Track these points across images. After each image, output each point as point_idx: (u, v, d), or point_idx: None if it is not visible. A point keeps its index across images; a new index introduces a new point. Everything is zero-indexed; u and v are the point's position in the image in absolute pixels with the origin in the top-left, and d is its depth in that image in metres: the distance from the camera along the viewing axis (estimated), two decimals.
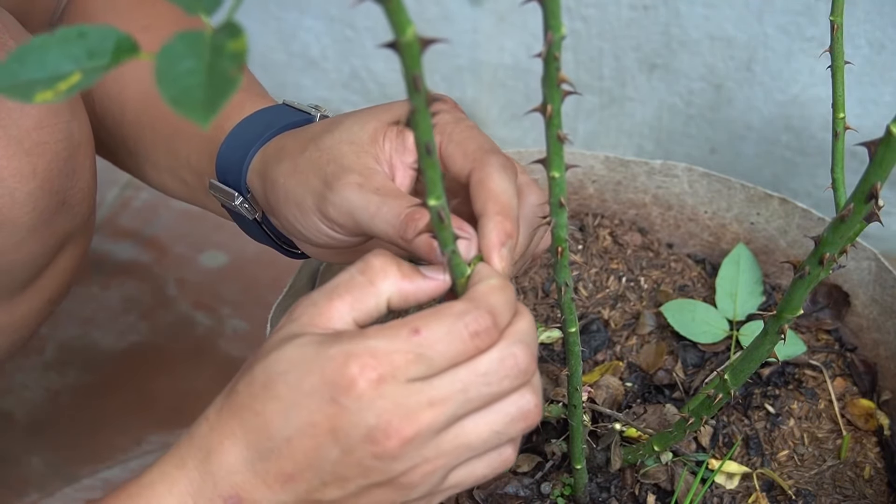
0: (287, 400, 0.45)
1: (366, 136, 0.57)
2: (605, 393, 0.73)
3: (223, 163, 0.65)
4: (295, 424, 0.45)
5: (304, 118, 0.65)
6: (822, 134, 1.07)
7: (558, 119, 0.45)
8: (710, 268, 0.86)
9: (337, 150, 0.57)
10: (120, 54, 0.37)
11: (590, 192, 0.87)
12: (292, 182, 0.58)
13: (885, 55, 0.99)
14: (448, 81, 1.20)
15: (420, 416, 0.45)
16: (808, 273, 0.50)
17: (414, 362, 0.45)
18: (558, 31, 0.41)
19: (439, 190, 0.45)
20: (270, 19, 1.24)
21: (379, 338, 0.45)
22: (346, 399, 0.44)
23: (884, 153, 0.41)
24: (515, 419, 0.47)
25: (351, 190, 0.55)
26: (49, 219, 0.63)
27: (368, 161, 0.56)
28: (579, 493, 0.67)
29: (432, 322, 0.45)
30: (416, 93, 0.40)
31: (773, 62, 1.04)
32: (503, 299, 0.48)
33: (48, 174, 0.62)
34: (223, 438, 0.47)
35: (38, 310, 0.69)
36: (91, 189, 0.67)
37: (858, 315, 0.81)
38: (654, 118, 1.15)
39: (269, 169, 0.61)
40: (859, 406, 0.76)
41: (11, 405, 1.00)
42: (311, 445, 0.45)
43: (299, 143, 0.60)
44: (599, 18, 1.07)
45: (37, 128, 0.61)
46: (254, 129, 0.64)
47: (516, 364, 0.46)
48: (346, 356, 0.44)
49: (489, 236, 0.51)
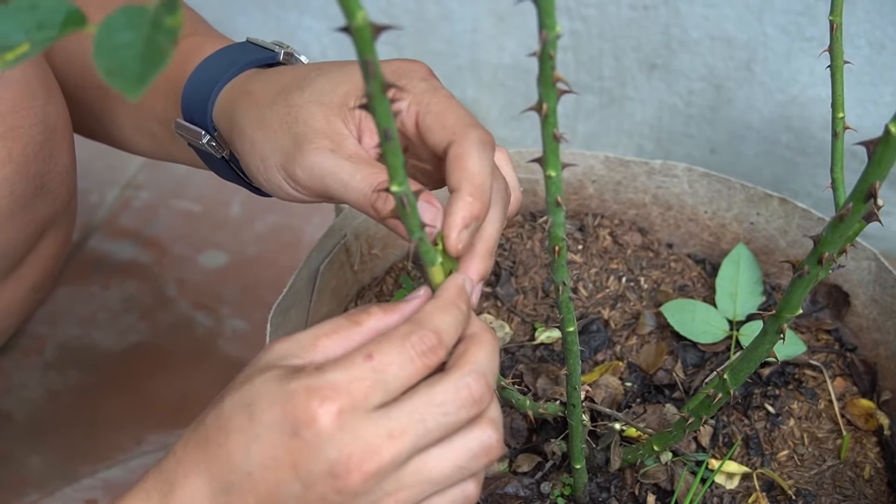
0: (249, 433, 0.45)
1: (336, 98, 0.56)
2: (605, 392, 0.73)
3: (188, 101, 0.64)
4: (257, 458, 0.45)
5: (268, 55, 0.64)
6: (822, 134, 1.07)
7: (554, 118, 0.45)
8: (710, 268, 0.86)
9: (307, 110, 0.56)
10: (68, 26, 0.38)
11: (590, 192, 0.87)
12: (259, 134, 0.58)
13: (885, 55, 0.99)
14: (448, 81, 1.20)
15: (381, 449, 0.44)
16: (807, 272, 0.50)
17: (371, 389, 0.45)
18: (553, 29, 0.41)
19: (402, 176, 0.44)
20: (270, 19, 1.24)
21: (336, 370, 0.45)
22: (308, 433, 0.44)
23: (883, 152, 0.41)
24: (477, 455, 0.47)
25: (324, 155, 0.55)
26: (27, 203, 0.63)
27: (338, 125, 0.56)
28: (579, 492, 0.67)
29: (383, 345, 0.45)
30: (371, 79, 0.40)
31: (773, 62, 1.04)
32: (450, 318, 0.47)
33: (24, 158, 0.61)
34: (188, 472, 0.47)
35: (22, 298, 0.68)
36: (70, 173, 0.66)
37: (858, 315, 0.81)
38: (654, 118, 1.14)
39: (237, 113, 0.60)
40: (859, 406, 0.76)
41: (11, 405, 1.00)
42: (273, 480, 0.45)
43: (267, 92, 0.59)
44: (599, 18, 1.07)
45: (11, 112, 0.60)
46: (218, 66, 0.63)
47: (470, 394, 0.46)
48: (306, 390, 0.44)
49: (454, 215, 0.50)
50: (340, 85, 0.57)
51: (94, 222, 1.19)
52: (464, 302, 0.48)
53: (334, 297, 0.82)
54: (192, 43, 0.66)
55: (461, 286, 0.49)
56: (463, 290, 0.49)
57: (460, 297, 0.48)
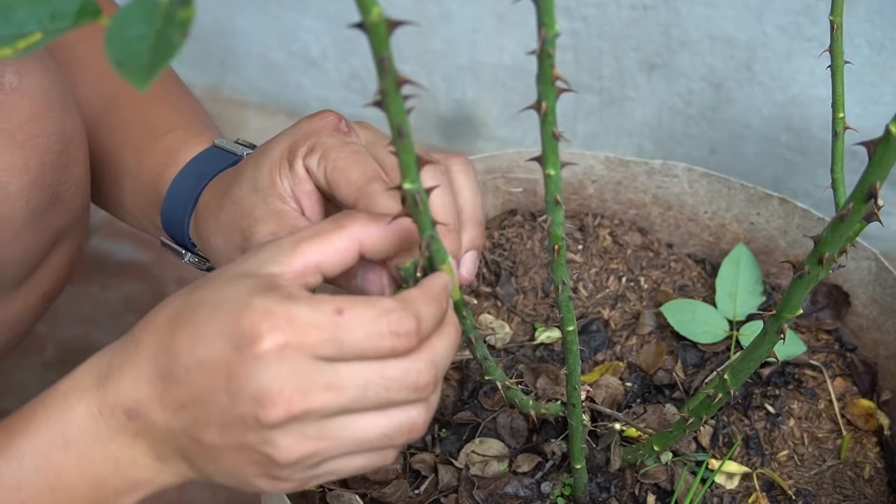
0: (199, 332, 0.45)
1: (265, 180, 0.59)
2: (605, 392, 0.73)
3: (167, 223, 0.68)
4: (198, 356, 0.45)
5: (234, 161, 0.66)
6: (822, 134, 1.07)
7: (553, 116, 0.45)
8: (710, 268, 0.86)
9: (248, 201, 0.59)
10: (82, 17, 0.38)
11: (590, 192, 0.87)
12: (220, 241, 0.61)
13: (885, 55, 0.99)
14: (448, 81, 1.20)
15: (313, 395, 0.44)
16: (807, 272, 0.50)
17: (326, 342, 0.45)
18: (552, 27, 0.41)
19: (414, 173, 0.45)
20: (270, 19, 1.24)
21: (302, 306, 0.45)
22: (248, 352, 0.44)
23: (883, 153, 0.41)
24: (403, 429, 0.48)
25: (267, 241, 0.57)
26: (43, 213, 0.63)
27: (276, 204, 0.58)
28: (579, 492, 0.67)
29: (358, 308, 0.45)
30: (385, 74, 0.40)
31: (773, 62, 1.04)
32: (432, 310, 0.48)
33: (41, 168, 0.62)
34: (139, 350, 0.47)
35: (34, 307, 0.69)
36: (84, 184, 0.67)
37: (858, 315, 0.81)
38: (654, 118, 1.15)
39: (201, 228, 0.64)
40: (859, 406, 0.76)
41: (11, 405, 1.00)
42: (206, 383, 0.45)
43: (217, 198, 0.62)
44: (599, 18, 1.07)
45: (29, 121, 0.61)
46: (187, 184, 0.67)
47: (417, 380, 0.47)
48: (264, 311, 0.44)
49: None
50: (263, 164, 0.59)
51: (94, 222, 1.19)
52: (445, 299, 0.49)
53: None
54: (170, 144, 0.69)
55: (446, 284, 0.50)
56: (446, 289, 0.50)
57: (444, 293, 0.49)
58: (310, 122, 0.59)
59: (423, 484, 0.69)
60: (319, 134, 0.58)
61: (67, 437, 0.48)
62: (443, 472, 0.69)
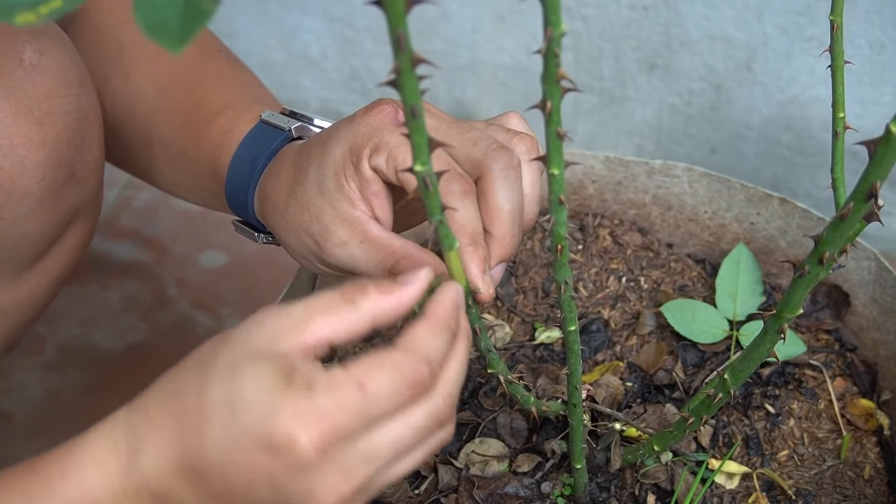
0: (230, 434, 0.45)
1: (331, 183, 0.58)
2: (605, 392, 0.73)
3: (234, 207, 0.69)
4: (234, 459, 0.45)
5: (284, 136, 0.67)
6: (822, 134, 1.07)
7: (558, 116, 0.45)
8: (710, 268, 0.86)
9: (315, 205, 0.59)
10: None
11: (590, 191, 0.87)
12: (291, 239, 0.61)
13: (885, 55, 0.99)
14: (448, 81, 1.20)
15: (356, 472, 0.46)
16: (807, 272, 0.49)
17: (357, 420, 0.45)
18: (558, 27, 0.41)
19: (425, 155, 0.44)
20: (270, 19, 1.24)
21: (325, 394, 0.45)
22: (288, 456, 0.44)
23: (883, 152, 0.41)
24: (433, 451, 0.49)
25: (338, 250, 0.58)
26: (58, 190, 0.64)
27: (345, 209, 0.58)
28: (579, 492, 0.67)
29: (376, 375, 0.45)
30: (401, 52, 0.39)
31: (773, 62, 1.04)
32: (439, 344, 0.48)
33: (58, 144, 0.62)
34: (159, 438, 0.47)
35: (46, 288, 0.69)
36: (99, 163, 0.68)
37: (858, 315, 0.81)
38: (654, 118, 1.15)
39: (266, 216, 0.65)
40: (859, 406, 0.76)
41: (11, 405, 1.00)
42: (247, 481, 0.46)
43: (280, 194, 0.62)
44: (599, 18, 1.07)
45: (47, 98, 0.61)
46: (244, 168, 0.67)
47: (439, 416, 0.48)
48: (292, 415, 0.44)
49: (470, 266, 0.54)
50: (328, 168, 0.59)
51: None
52: (455, 319, 0.49)
53: None
54: (223, 124, 0.70)
55: (455, 300, 0.49)
56: (456, 305, 0.49)
57: (453, 315, 0.49)
58: (366, 117, 0.58)
59: (423, 484, 0.69)
60: (381, 132, 0.57)
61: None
62: (443, 472, 0.69)
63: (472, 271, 0.53)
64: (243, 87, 0.74)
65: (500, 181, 0.55)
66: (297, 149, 0.64)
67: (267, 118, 0.68)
